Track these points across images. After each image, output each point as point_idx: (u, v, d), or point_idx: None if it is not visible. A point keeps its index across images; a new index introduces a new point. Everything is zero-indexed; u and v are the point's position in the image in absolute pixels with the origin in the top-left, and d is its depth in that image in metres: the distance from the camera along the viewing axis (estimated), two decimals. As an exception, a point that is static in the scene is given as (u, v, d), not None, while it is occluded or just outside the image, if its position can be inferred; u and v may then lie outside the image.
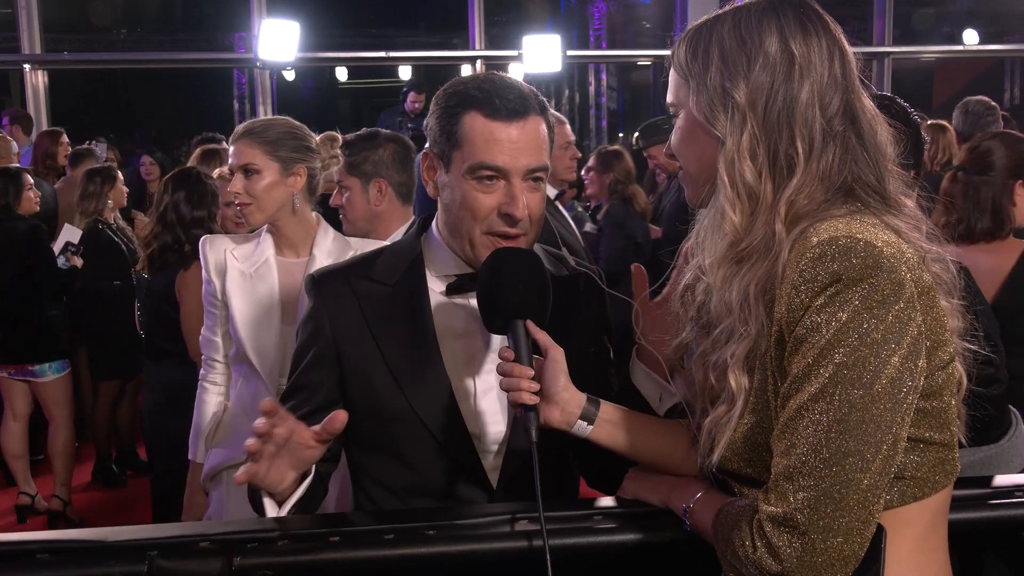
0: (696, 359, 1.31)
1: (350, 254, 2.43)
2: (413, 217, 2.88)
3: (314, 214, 2.58)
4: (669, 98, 1.33)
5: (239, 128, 2.55)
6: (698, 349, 1.31)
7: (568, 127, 4.22)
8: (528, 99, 1.57)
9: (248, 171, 2.47)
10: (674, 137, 1.34)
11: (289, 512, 1.50)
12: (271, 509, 1.49)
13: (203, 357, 2.69)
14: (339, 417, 1.39)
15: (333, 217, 2.85)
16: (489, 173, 1.53)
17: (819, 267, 1.12)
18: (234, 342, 2.54)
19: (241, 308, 2.49)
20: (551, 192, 4.13)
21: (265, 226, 2.56)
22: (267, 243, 2.55)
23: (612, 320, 1.81)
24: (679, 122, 1.32)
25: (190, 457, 2.72)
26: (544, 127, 1.59)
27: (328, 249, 2.52)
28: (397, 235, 2.78)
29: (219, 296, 2.55)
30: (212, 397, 2.67)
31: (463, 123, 1.55)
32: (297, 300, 2.42)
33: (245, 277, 2.52)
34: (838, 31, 1.26)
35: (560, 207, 4.20)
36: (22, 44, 8.59)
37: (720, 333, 1.25)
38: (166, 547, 1.37)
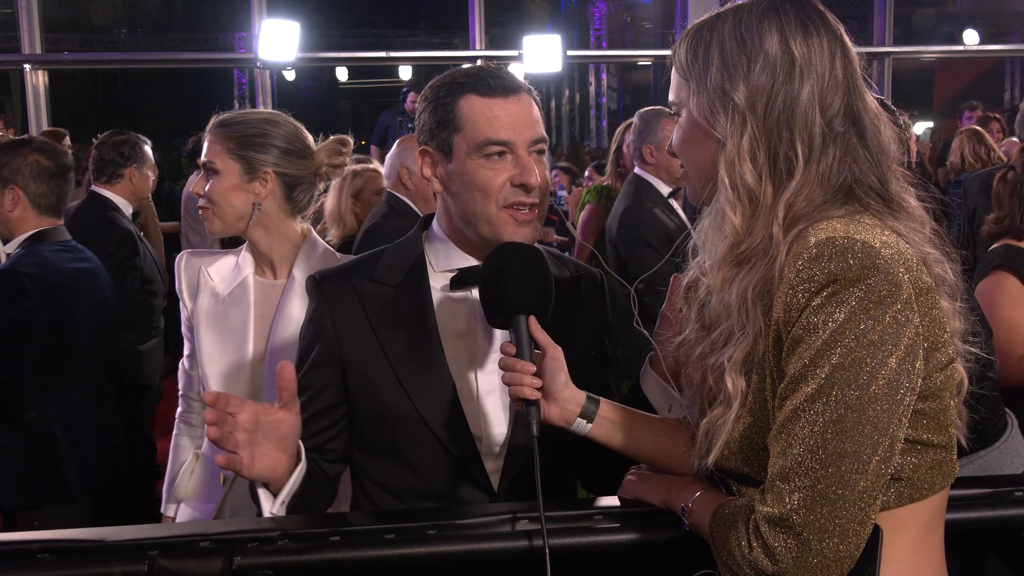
0: (695, 361, 1.31)
1: None
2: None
3: (303, 226, 2.20)
4: (671, 97, 1.33)
5: (214, 118, 2.18)
6: (697, 350, 1.31)
7: None
8: (515, 78, 1.60)
9: (209, 170, 2.12)
10: (675, 136, 1.34)
11: (288, 506, 1.48)
12: (267, 503, 1.48)
13: (180, 393, 2.35)
14: (286, 367, 1.41)
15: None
16: (497, 149, 1.54)
17: (816, 267, 1.12)
18: (199, 378, 2.17)
19: (209, 339, 2.13)
20: (664, 189, 4.14)
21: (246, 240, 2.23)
22: (247, 261, 2.18)
23: (612, 322, 1.81)
24: (680, 121, 1.32)
25: (163, 511, 2.35)
26: (535, 105, 1.61)
27: (312, 268, 2.09)
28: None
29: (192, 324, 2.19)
30: (186, 441, 2.31)
31: (459, 107, 1.56)
32: (271, 330, 2.11)
33: (217, 301, 2.15)
34: (841, 30, 1.26)
35: (675, 205, 4.19)
36: (22, 44, 8.59)
37: (719, 335, 1.25)
38: (166, 547, 1.37)
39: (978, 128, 5.91)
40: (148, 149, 4.29)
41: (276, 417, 1.41)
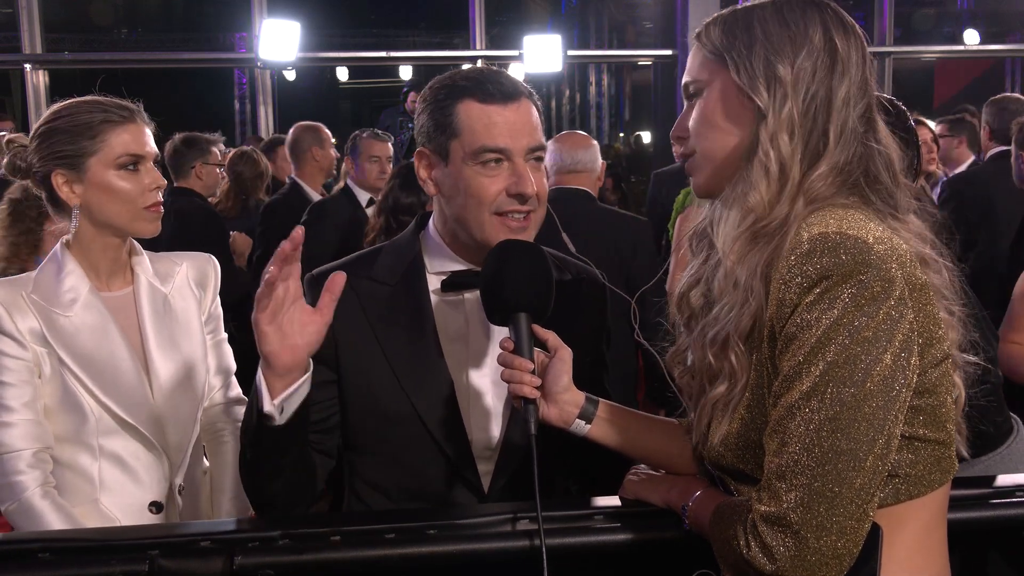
0: (696, 336, 1.31)
1: (178, 271, 2.02)
2: None
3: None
4: (691, 76, 1.31)
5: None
6: (698, 327, 1.30)
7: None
8: (517, 83, 1.59)
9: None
10: (695, 118, 1.30)
11: (282, 414, 1.40)
12: (267, 403, 1.38)
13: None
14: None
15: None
16: (493, 156, 1.53)
17: (808, 263, 1.12)
18: (91, 416, 1.85)
19: (92, 369, 1.85)
20: None
21: (59, 246, 1.93)
22: (75, 275, 1.89)
23: (611, 326, 1.81)
24: (703, 102, 1.29)
25: None
26: (535, 110, 1.60)
27: (149, 269, 1.98)
28: None
29: (40, 362, 1.83)
30: (53, 501, 1.80)
31: (458, 112, 1.55)
32: (143, 340, 1.93)
33: (77, 329, 1.86)
34: (864, 38, 1.28)
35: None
36: (23, 44, 8.59)
37: (721, 308, 1.25)
38: (167, 546, 1.38)
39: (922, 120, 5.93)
40: None
41: (309, 319, 1.38)
